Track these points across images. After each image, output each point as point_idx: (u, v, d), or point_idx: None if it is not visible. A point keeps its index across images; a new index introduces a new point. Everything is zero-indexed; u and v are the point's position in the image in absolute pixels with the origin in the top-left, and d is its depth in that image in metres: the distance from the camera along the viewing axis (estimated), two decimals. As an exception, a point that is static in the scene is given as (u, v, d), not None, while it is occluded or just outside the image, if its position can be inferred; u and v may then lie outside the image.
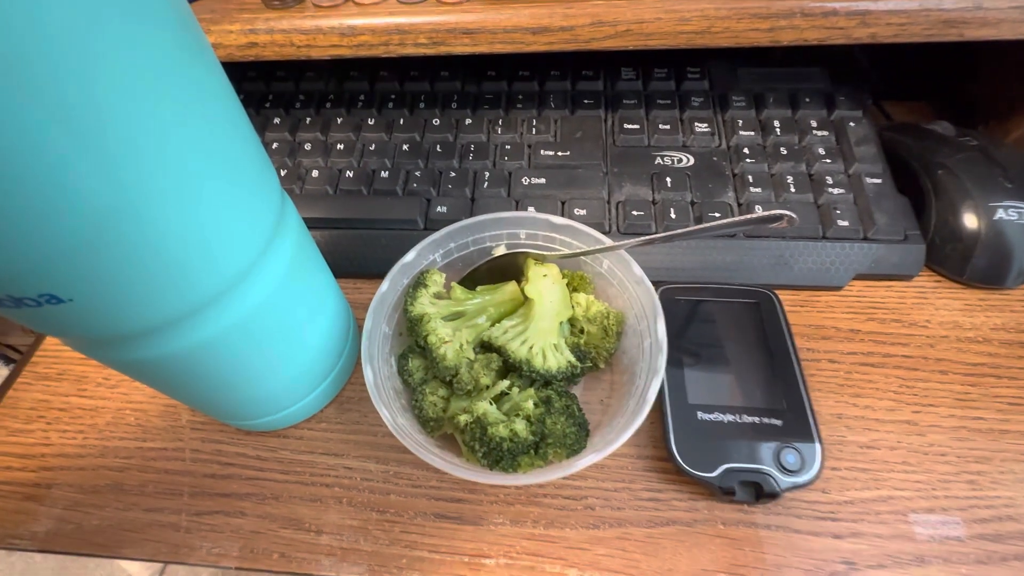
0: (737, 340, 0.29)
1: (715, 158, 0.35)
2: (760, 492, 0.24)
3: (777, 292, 0.30)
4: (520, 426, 0.24)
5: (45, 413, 0.31)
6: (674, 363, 0.28)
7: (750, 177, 0.34)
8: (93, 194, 0.14)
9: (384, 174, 0.36)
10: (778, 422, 0.26)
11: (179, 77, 0.15)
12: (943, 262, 0.32)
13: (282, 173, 0.37)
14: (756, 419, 0.26)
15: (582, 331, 0.29)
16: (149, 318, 0.18)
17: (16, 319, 0.17)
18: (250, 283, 0.21)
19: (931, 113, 0.42)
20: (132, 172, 0.15)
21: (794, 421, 0.26)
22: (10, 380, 0.32)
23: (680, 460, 0.25)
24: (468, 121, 0.38)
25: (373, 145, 0.38)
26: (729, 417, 0.26)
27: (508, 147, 0.37)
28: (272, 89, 0.42)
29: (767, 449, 0.25)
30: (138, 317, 0.18)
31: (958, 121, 0.36)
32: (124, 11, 0.13)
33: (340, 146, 0.38)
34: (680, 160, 0.36)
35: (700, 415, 0.26)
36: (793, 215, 0.22)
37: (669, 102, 0.38)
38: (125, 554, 0.26)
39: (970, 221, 0.30)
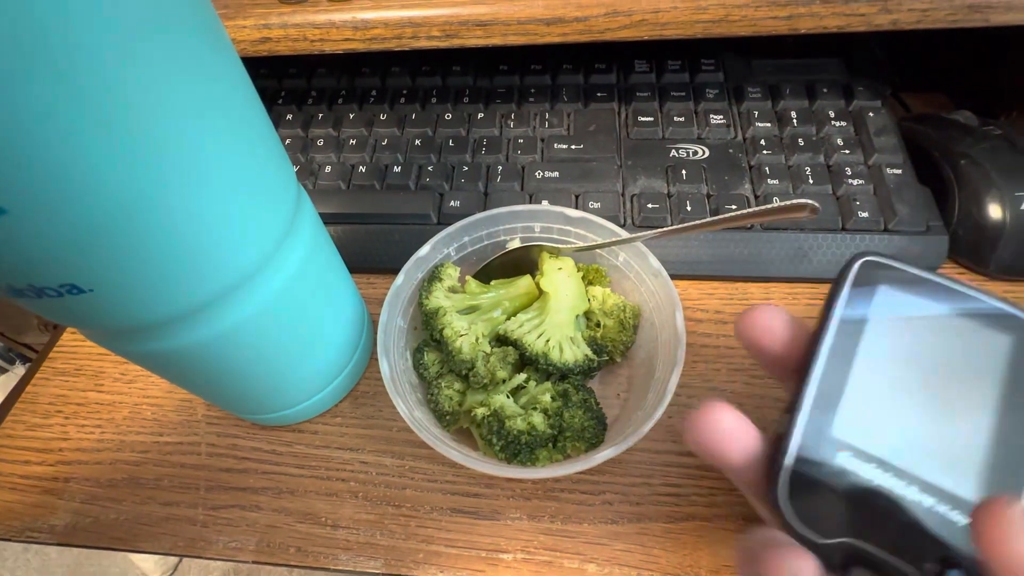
0: (962, 379, 0.17)
1: (731, 150, 0.35)
2: None
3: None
4: (538, 419, 0.24)
5: (63, 408, 0.31)
6: (836, 370, 0.18)
7: (767, 169, 0.33)
8: (115, 183, 0.14)
9: (397, 169, 0.36)
10: (961, 520, 0.16)
11: (201, 68, 0.15)
12: (967, 254, 0.31)
13: (295, 169, 0.37)
14: (931, 501, 0.16)
15: (598, 324, 0.28)
16: (169, 308, 0.18)
17: (37, 310, 0.17)
18: (267, 274, 0.20)
19: (949, 104, 0.41)
20: (153, 162, 0.15)
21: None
22: (28, 375, 0.33)
23: (785, 502, 0.16)
24: (480, 115, 0.38)
25: (385, 140, 0.37)
26: (888, 478, 0.16)
27: (521, 141, 0.37)
28: (284, 86, 0.42)
29: (926, 550, 0.15)
30: (158, 307, 0.18)
31: (977, 111, 0.35)
32: (150, 5, 0.13)
33: (352, 141, 0.38)
34: (695, 152, 0.35)
35: (840, 455, 0.17)
36: (816, 204, 0.21)
37: (683, 94, 0.38)
38: (142, 548, 0.26)
39: (995, 212, 0.30)
